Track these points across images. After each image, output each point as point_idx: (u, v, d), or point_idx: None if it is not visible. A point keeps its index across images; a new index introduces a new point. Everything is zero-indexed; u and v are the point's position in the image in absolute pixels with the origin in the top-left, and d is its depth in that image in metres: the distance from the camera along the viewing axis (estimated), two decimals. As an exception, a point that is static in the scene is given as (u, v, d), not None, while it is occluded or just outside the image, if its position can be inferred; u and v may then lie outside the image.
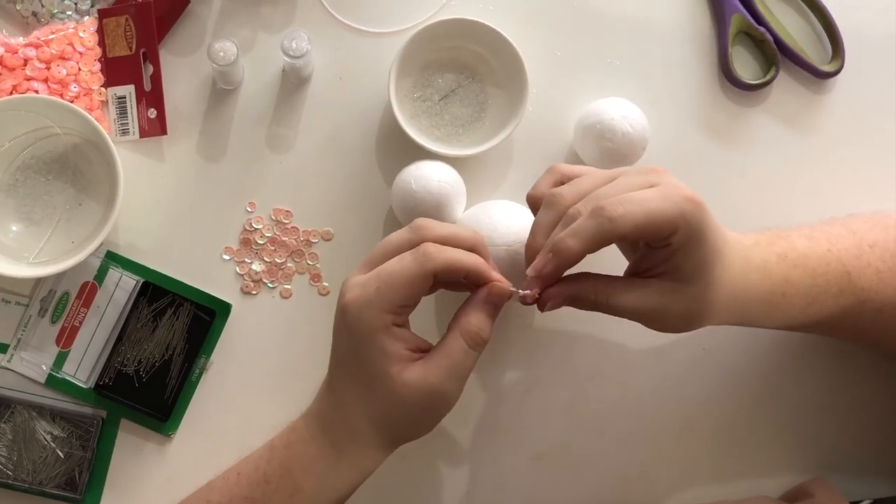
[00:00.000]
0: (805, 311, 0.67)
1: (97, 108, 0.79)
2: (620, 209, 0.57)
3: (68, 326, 0.78)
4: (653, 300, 0.62)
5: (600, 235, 0.58)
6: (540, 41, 0.81)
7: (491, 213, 0.72)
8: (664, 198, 0.58)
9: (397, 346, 0.61)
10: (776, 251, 0.66)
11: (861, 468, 0.82)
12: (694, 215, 0.59)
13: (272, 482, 0.65)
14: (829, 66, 0.82)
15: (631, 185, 0.60)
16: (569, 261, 0.59)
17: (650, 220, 0.58)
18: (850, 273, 0.67)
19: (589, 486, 0.81)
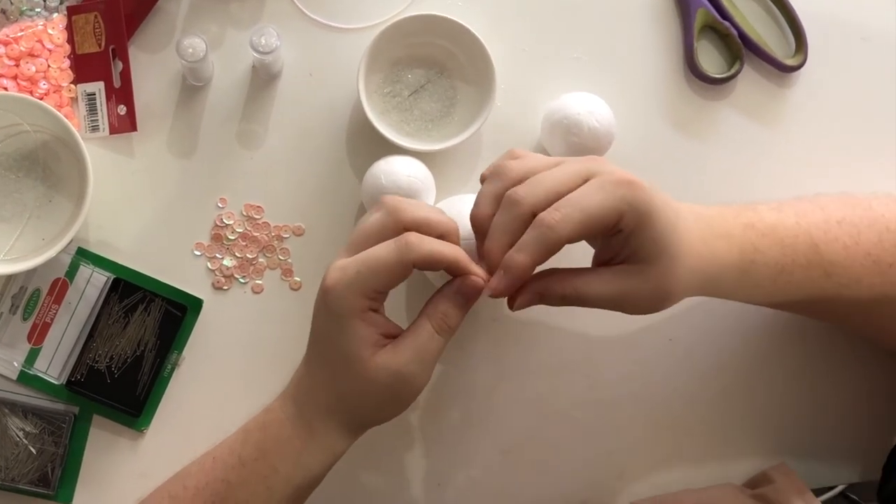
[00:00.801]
0: (775, 281, 0.68)
1: (67, 104, 0.79)
2: (557, 215, 0.58)
3: (40, 323, 0.78)
4: (620, 285, 0.62)
5: (545, 245, 0.59)
6: (507, 37, 0.82)
7: (460, 208, 0.73)
8: (599, 189, 0.59)
9: (370, 330, 0.62)
10: (742, 221, 0.67)
11: (824, 455, 0.83)
12: (634, 197, 0.59)
13: (247, 465, 0.66)
14: (793, 60, 0.83)
15: (568, 174, 0.61)
16: (521, 274, 0.60)
17: (589, 217, 0.58)
18: (818, 245, 0.68)
19: (558, 478, 0.82)
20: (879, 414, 0.81)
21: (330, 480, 0.79)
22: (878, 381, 0.82)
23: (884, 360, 0.81)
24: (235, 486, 0.67)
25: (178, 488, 0.70)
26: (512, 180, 0.62)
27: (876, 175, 0.83)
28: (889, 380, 0.79)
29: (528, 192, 0.60)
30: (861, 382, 0.82)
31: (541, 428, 0.81)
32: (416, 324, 0.64)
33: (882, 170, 0.83)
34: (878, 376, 0.81)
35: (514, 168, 0.62)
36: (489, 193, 0.63)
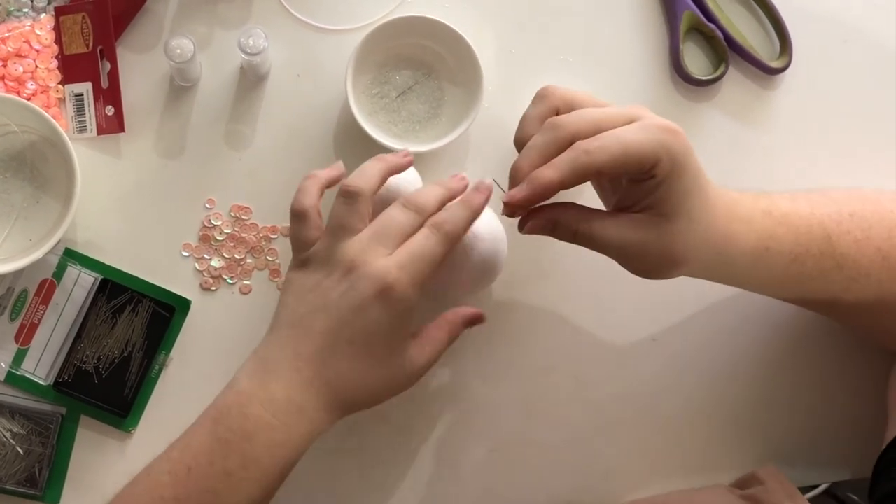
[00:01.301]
0: (787, 270, 0.67)
1: (54, 105, 0.79)
2: (596, 143, 0.58)
3: (27, 324, 0.78)
4: (634, 234, 0.62)
5: (577, 168, 0.58)
6: (495, 39, 0.82)
7: None
8: (641, 129, 0.59)
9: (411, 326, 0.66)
10: (761, 206, 0.67)
11: (811, 455, 0.83)
12: (674, 143, 0.59)
13: (234, 474, 0.63)
14: (778, 62, 0.83)
15: (614, 112, 0.61)
16: (543, 189, 0.60)
17: (627, 152, 0.58)
18: (830, 237, 0.68)
19: (545, 477, 0.82)
20: (867, 414, 0.81)
21: (317, 480, 0.79)
22: (866, 381, 0.82)
23: (871, 360, 0.82)
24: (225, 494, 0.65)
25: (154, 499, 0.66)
26: (558, 106, 0.63)
27: (860, 175, 0.83)
28: (876, 380, 0.80)
29: (571, 119, 0.60)
30: (849, 382, 0.83)
31: (527, 428, 0.82)
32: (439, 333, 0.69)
33: (866, 170, 0.84)
34: (866, 376, 0.82)
35: (561, 95, 0.63)
36: (534, 115, 0.63)
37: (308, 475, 0.76)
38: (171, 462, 0.66)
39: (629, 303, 0.82)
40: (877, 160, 0.84)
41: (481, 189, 0.67)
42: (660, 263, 0.63)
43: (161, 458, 0.67)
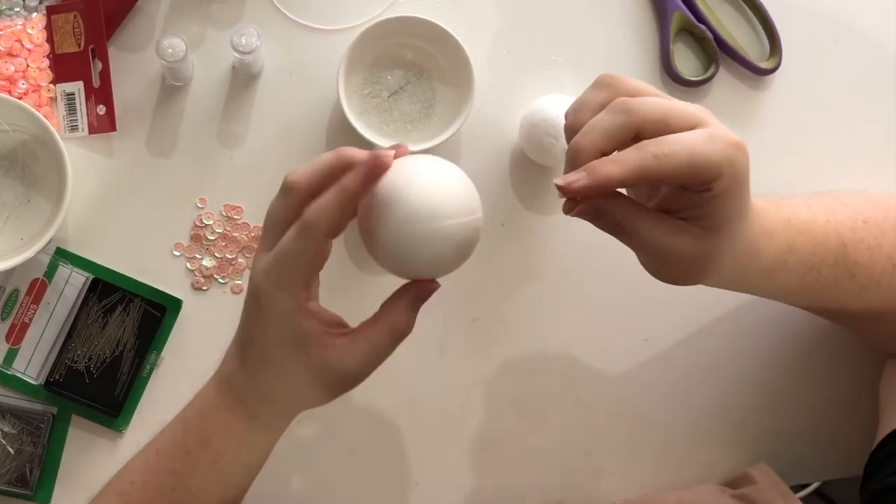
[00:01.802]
0: (802, 280, 0.67)
1: (46, 104, 0.79)
2: (665, 148, 0.55)
3: (18, 323, 0.78)
4: (675, 240, 0.59)
5: (642, 169, 0.55)
6: (486, 40, 0.83)
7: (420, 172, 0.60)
8: (710, 139, 0.56)
9: (312, 324, 0.60)
10: (782, 216, 0.66)
11: (802, 453, 0.84)
12: (739, 162, 0.57)
13: (192, 453, 0.65)
14: (768, 62, 0.84)
15: (682, 109, 0.58)
16: (604, 184, 0.56)
17: (694, 164, 0.55)
18: (845, 245, 0.67)
19: (537, 476, 0.82)
20: (859, 413, 0.81)
21: (306, 481, 0.80)
22: (858, 380, 0.82)
23: (863, 360, 0.82)
24: (184, 475, 0.66)
25: (124, 484, 0.69)
26: (622, 93, 0.58)
27: (850, 175, 0.84)
28: (868, 379, 0.80)
29: (643, 105, 0.57)
30: (841, 381, 0.84)
31: (518, 427, 0.82)
32: (374, 328, 0.61)
33: (857, 169, 0.84)
34: (858, 376, 0.82)
35: (626, 86, 0.59)
36: (594, 103, 0.58)
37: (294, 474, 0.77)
38: (146, 448, 0.70)
39: (622, 303, 0.82)
40: (867, 159, 0.85)
41: (361, 163, 0.58)
42: (689, 273, 0.61)
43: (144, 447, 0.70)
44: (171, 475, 0.67)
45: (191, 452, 0.66)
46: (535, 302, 0.82)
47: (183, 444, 0.67)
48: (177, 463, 0.66)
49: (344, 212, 0.58)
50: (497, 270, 0.81)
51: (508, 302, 0.82)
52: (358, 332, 0.61)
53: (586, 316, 0.82)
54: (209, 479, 0.66)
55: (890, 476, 0.66)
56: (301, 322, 0.60)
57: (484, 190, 0.81)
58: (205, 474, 0.66)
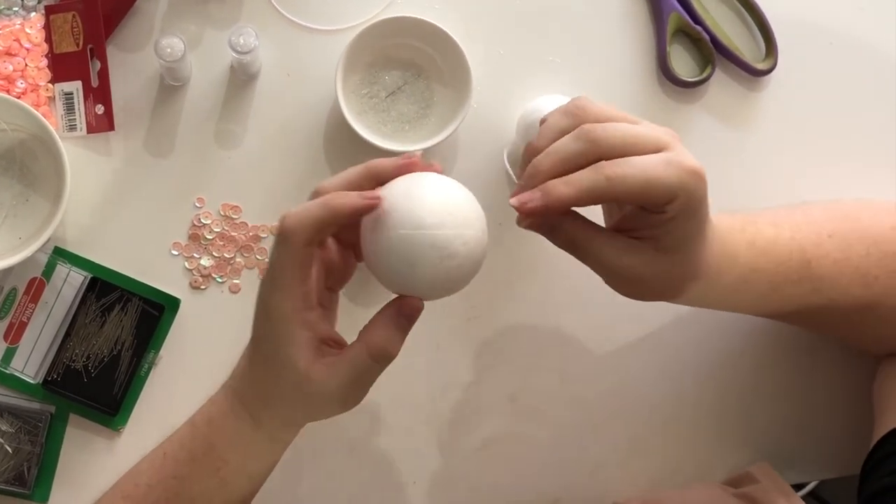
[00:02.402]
0: (766, 298, 0.69)
1: (44, 104, 0.79)
2: (619, 170, 0.56)
3: (16, 322, 0.78)
4: (629, 259, 0.61)
5: (595, 192, 0.57)
6: (484, 40, 0.83)
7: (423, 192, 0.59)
8: (667, 165, 0.57)
9: (305, 335, 0.59)
10: (746, 238, 0.67)
11: (802, 452, 0.84)
12: (695, 188, 0.58)
13: (198, 459, 0.66)
14: (763, 64, 0.84)
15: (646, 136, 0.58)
16: (556, 204, 0.57)
17: (647, 187, 0.57)
18: (810, 262, 0.69)
19: (534, 474, 0.82)
20: (858, 413, 0.82)
21: (303, 481, 0.80)
22: (857, 380, 0.82)
23: (861, 360, 0.82)
24: (187, 481, 0.67)
25: (129, 487, 0.70)
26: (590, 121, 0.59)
27: (845, 176, 0.84)
28: (867, 379, 0.81)
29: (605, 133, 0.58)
30: (840, 381, 0.84)
31: (516, 425, 0.82)
32: (354, 349, 0.59)
33: (851, 170, 0.85)
34: (858, 376, 0.82)
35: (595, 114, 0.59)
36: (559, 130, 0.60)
37: (291, 473, 0.77)
38: (154, 450, 0.71)
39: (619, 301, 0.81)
40: (861, 160, 0.85)
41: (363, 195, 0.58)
42: (645, 291, 0.63)
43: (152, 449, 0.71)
44: (175, 479, 0.67)
45: (196, 458, 0.66)
46: (532, 300, 0.82)
47: (190, 450, 0.67)
48: (182, 468, 0.67)
49: (322, 225, 0.57)
50: (493, 269, 0.81)
51: (505, 301, 0.82)
52: (342, 353, 0.60)
53: (583, 314, 0.82)
54: (213, 485, 0.66)
55: (888, 476, 0.66)
56: (295, 332, 0.59)
57: (481, 189, 0.81)
58: (209, 481, 0.66)
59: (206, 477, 0.66)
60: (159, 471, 0.68)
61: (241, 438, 0.66)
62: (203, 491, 0.66)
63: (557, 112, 0.61)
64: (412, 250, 0.56)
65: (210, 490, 0.66)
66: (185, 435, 0.69)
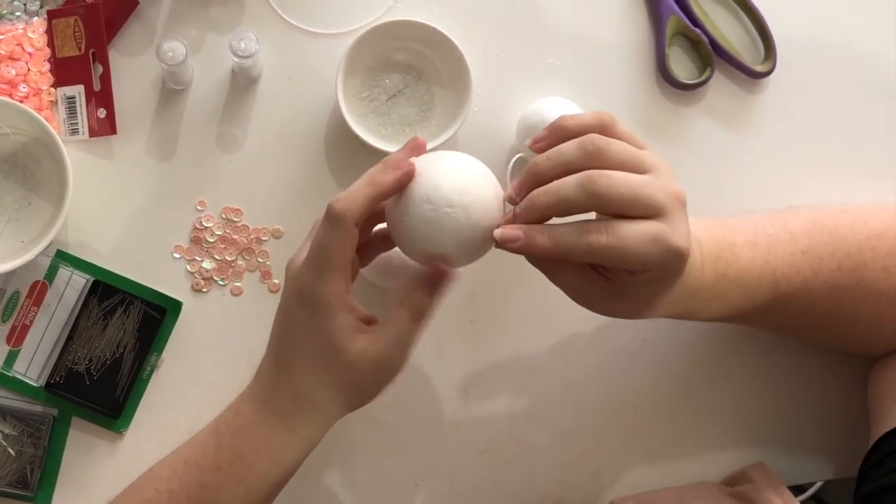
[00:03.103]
0: (727, 316, 0.71)
1: (46, 108, 0.80)
2: (603, 240, 0.58)
3: (19, 325, 0.79)
4: (592, 293, 0.64)
5: (573, 253, 0.59)
6: (483, 43, 0.83)
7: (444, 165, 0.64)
8: (653, 241, 0.58)
9: (349, 317, 0.63)
10: (719, 269, 0.69)
11: (799, 452, 0.84)
12: (673, 267, 0.61)
13: (223, 468, 0.66)
14: (762, 66, 0.85)
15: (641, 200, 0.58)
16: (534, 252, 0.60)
17: (626, 257, 0.58)
18: (778, 282, 0.71)
19: (535, 476, 0.83)
20: (854, 411, 0.81)
21: (305, 482, 0.80)
22: (854, 380, 0.82)
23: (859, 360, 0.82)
24: (212, 489, 0.67)
25: (150, 492, 0.70)
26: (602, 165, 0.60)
27: (842, 178, 0.85)
28: (863, 377, 0.81)
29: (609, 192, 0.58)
30: (836, 380, 0.84)
31: (516, 428, 0.82)
32: (393, 311, 0.64)
33: (848, 171, 0.85)
34: (855, 376, 0.82)
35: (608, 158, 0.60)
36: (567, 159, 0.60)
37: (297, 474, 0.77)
38: (175, 456, 0.70)
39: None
40: (859, 162, 0.85)
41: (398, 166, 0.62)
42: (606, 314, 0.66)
43: (170, 454, 0.70)
44: (199, 488, 0.67)
45: (222, 468, 0.66)
46: (533, 303, 0.82)
47: (214, 459, 0.67)
48: (207, 476, 0.67)
49: (372, 203, 0.62)
50: (495, 272, 0.82)
51: (506, 303, 0.82)
52: (383, 321, 0.65)
53: (584, 317, 0.81)
54: (238, 494, 0.66)
55: (884, 477, 0.66)
56: (341, 315, 0.63)
57: (481, 192, 0.82)
58: (234, 490, 0.66)
59: (231, 486, 0.66)
60: (181, 477, 0.68)
61: (271, 448, 0.66)
62: (228, 499, 0.67)
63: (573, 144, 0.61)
64: (439, 221, 0.61)
65: (235, 498, 0.67)
66: (208, 443, 0.68)
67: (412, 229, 0.62)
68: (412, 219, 0.62)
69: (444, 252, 0.63)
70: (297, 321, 0.65)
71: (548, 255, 0.60)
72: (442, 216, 0.61)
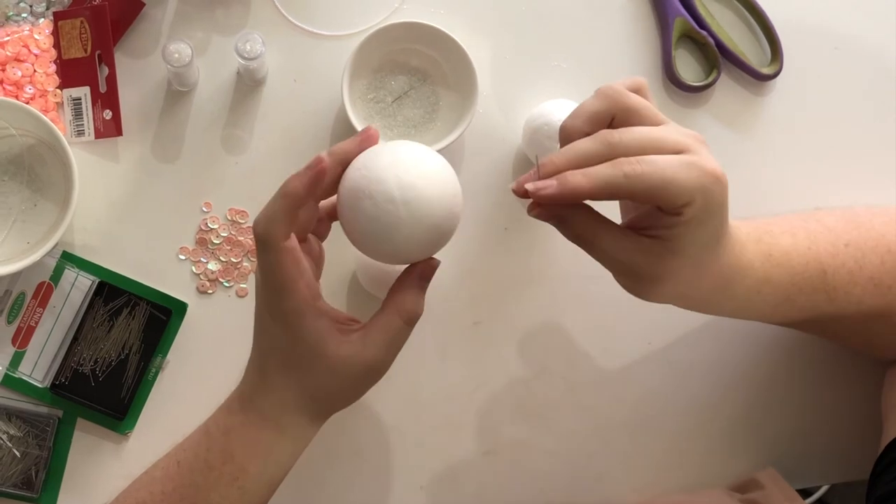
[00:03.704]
0: (776, 309, 0.68)
1: (52, 109, 0.80)
2: (638, 168, 0.56)
3: (24, 326, 0.79)
4: (635, 257, 0.60)
5: (611, 185, 0.56)
6: (489, 45, 0.83)
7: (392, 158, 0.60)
8: (688, 167, 0.56)
9: (324, 323, 0.62)
10: (762, 249, 0.66)
11: (808, 457, 0.84)
12: (714, 192, 0.57)
13: (215, 468, 0.66)
14: (769, 68, 0.84)
15: (668, 139, 0.58)
16: (570, 193, 0.57)
17: (664, 187, 0.56)
18: (826, 273, 0.68)
19: (540, 480, 0.82)
20: (866, 418, 0.81)
21: (310, 485, 0.80)
22: (865, 385, 0.82)
23: (869, 364, 0.82)
24: (205, 489, 0.67)
25: (144, 494, 0.70)
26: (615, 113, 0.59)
27: (851, 181, 0.84)
28: (875, 384, 0.80)
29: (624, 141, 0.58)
30: (847, 386, 0.84)
31: (521, 430, 0.82)
32: (384, 316, 0.63)
33: (856, 175, 0.85)
34: (865, 380, 0.82)
35: (624, 103, 0.60)
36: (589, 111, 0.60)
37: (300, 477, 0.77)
38: (167, 458, 0.70)
39: (624, 306, 0.81)
40: (867, 165, 0.85)
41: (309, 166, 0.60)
42: (650, 290, 0.62)
43: (163, 456, 0.70)
44: (192, 488, 0.67)
45: (214, 468, 0.66)
46: (538, 306, 0.82)
47: (206, 460, 0.67)
48: (199, 477, 0.67)
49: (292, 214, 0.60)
50: (499, 274, 0.82)
51: (510, 306, 0.82)
52: (370, 323, 0.63)
53: (589, 319, 0.82)
54: (231, 494, 0.66)
55: (894, 481, 0.66)
56: (315, 322, 0.61)
57: (486, 194, 0.82)
58: (227, 490, 0.66)
59: (224, 486, 0.66)
60: (174, 478, 0.68)
61: (261, 448, 0.66)
62: (221, 499, 0.67)
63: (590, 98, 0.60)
64: (378, 218, 0.58)
65: (228, 498, 0.66)
66: (200, 444, 0.68)
67: (356, 225, 0.60)
68: (355, 214, 0.59)
69: (391, 249, 0.60)
70: (273, 335, 0.64)
71: (585, 195, 0.57)
72: (382, 213, 0.58)
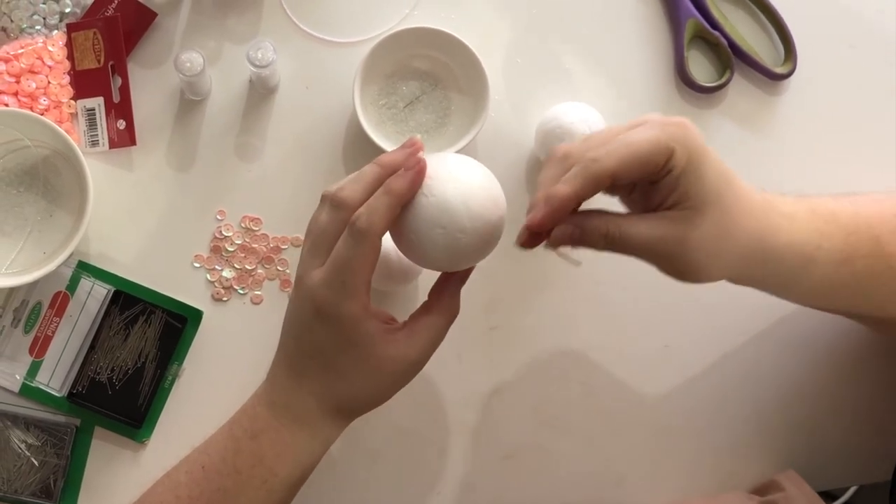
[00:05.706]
0: (838, 271, 0.63)
1: (67, 120, 0.80)
2: (602, 150, 0.56)
3: (41, 336, 0.79)
4: (665, 230, 0.58)
5: (587, 176, 0.57)
6: (500, 49, 0.83)
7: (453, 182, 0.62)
8: (647, 128, 0.57)
9: (376, 324, 0.63)
10: (804, 205, 0.64)
11: (830, 462, 0.83)
12: (685, 136, 0.57)
13: (244, 472, 0.66)
14: (782, 68, 0.84)
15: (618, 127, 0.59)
16: (560, 204, 0.57)
17: (636, 152, 0.56)
18: (879, 237, 0.64)
19: (558, 484, 0.82)
20: (885, 416, 0.81)
21: (328, 490, 0.80)
22: (886, 385, 0.82)
23: (890, 365, 0.82)
24: (234, 493, 0.67)
25: (169, 498, 0.70)
26: None
27: (865, 180, 0.83)
28: (891, 380, 0.80)
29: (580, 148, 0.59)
30: (868, 387, 0.83)
31: (539, 435, 0.82)
32: (431, 317, 0.65)
33: (872, 174, 0.84)
34: (886, 381, 0.82)
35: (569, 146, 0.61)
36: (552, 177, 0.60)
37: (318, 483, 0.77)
38: (189, 462, 0.69)
39: (641, 309, 0.82)
40: (883, 164, 0.84)
41: (408, 166, 0.61)
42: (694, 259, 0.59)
43: (183, 459, 0.70)
44: (219, 492, 0.67)
45: (242, 472, 0.66)
46: (554, 310, 0.82)
47: (234, 464, 0.67)
48: (227, 481, 0.66)
49: (394, 213, 0.61)
50: (515, 279, 0.82)
51: (527, 310, 0.82)
52: (415, 323, 0.65)
53: (605, 323, 0.82)
54: (259, 497, 0.66)
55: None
56: (368, 325, 0.62)
57: (500, 198, 0.82)
58: (255, 493, 0.66)
59: (253, 489, 0.66)
60: (200, 483, 0.68)
61: (293, 450, 0.66)
62: (249, 502, 0.67)
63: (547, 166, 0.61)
64: (449, 246, 0.61)
65: (256, 501, 0.67)
66: (226, 448, 0.68)
67: (421, 248, 0.62)
68: (421, 238, 0.61)
69: (447, 265, 0.64)
70: (319, 336, 0.64)
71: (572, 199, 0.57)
72: (452, 242, 0.61)
